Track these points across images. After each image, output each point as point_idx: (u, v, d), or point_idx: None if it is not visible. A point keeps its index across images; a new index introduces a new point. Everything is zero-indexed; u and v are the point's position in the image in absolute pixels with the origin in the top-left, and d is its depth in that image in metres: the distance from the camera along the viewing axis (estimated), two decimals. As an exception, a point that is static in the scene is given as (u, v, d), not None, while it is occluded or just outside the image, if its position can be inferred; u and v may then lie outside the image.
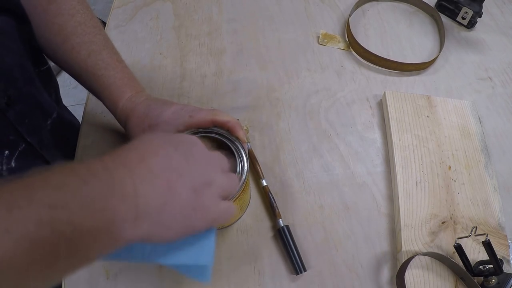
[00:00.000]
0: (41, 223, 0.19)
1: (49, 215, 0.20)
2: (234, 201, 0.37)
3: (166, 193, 0.26)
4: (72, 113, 0.63)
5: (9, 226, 0.19)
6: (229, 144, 0.40)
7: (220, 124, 0.40)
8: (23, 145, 0.42)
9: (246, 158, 0.39)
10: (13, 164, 0.41)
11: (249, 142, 0.51)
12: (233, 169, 0.38)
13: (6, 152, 0.40)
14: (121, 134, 0.54)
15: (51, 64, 0.50)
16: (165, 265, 0.29)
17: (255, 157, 0.50)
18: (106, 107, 0.45)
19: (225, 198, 0.32)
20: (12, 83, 0.40)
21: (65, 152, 0.52)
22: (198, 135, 0.40)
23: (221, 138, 0.40)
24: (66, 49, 0.43)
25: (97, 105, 0.57)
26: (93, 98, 0.58)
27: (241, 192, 0.38)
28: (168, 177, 0.27)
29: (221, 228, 0.45)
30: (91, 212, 0.22)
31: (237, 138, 0.40)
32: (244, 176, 0.38)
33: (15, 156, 0.41)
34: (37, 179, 0.21)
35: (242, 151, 0.39)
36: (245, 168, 0.38)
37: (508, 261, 0.42)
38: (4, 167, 0.40)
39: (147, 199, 0.25)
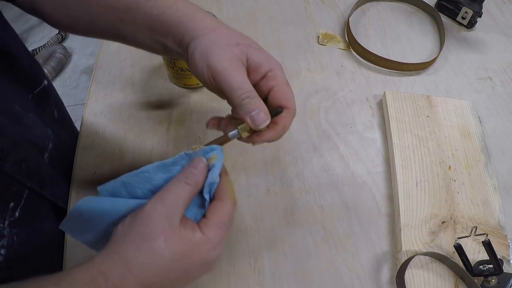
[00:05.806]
0: None
1: None
2: None
3: None
4: (72, 112, 0.63)
5: None
6: None
7: None
8: (27, 191, 0.42)
9: None
10: (17, 214, 0.40)
11: (249, 142, 0.51)
12: None
13: (12, 204, 0.40)
14: (121, 135, 0.54)
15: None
16: None
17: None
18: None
19: None
20: (1, 135, 0.38)
21: (66, 173, 0.51)
22: None
23: None
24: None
25: (97, 105, 0.57)
26: (93, 98, 0.58)
27: None
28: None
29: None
30: None
31: None
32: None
33: (21, 205, 0.41)
34: None
35: None
36: None
37: (508, 261, 0.42)
38: (7, 222, 0.39)
39: None
